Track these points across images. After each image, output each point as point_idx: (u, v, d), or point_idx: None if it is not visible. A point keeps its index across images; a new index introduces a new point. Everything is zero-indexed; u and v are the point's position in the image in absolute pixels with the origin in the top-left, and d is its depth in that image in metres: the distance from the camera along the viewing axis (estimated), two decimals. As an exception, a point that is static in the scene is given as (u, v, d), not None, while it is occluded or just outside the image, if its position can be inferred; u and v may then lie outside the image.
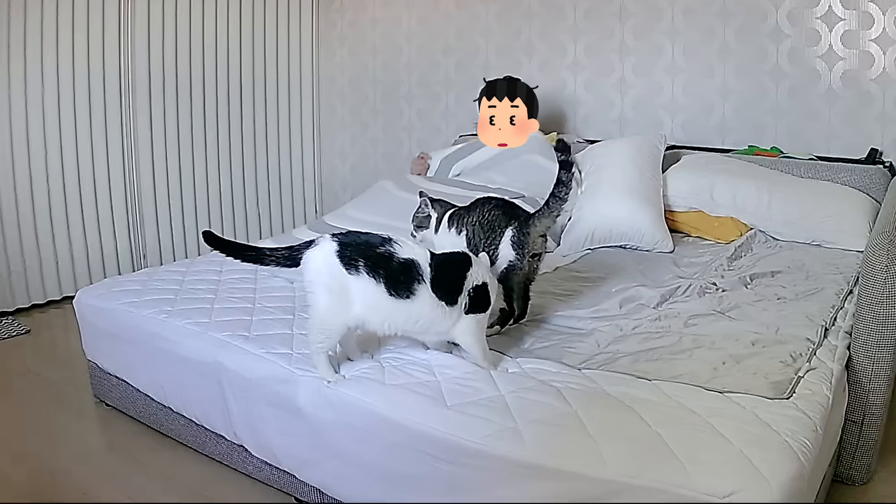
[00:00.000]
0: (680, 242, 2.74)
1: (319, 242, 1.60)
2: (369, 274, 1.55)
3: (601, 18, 3.38)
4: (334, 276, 1.56)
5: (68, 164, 3.32)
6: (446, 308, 1.59)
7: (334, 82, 4.38)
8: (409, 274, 1.57)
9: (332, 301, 1.57)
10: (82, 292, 2.30)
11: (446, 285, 1.59)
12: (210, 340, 1.86)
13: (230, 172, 4.03)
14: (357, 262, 1.55)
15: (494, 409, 1.45)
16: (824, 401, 1.49)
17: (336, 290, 1.56)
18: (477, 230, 1.82)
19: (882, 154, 2.82)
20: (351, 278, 1.55)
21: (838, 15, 2.82)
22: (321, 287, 1.58)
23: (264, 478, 1.85)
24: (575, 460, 1.30)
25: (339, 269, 1.56)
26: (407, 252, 1.59)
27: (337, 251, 1.56)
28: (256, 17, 4.02)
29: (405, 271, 1.57)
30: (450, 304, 1.59)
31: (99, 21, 3.33)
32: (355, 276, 1.55)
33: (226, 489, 1.91)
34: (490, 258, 1.78)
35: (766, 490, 1.18)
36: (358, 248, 1.57)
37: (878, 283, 1.74)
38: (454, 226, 1.87)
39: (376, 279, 1.55)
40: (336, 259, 1.56)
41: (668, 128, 3.28)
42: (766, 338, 1.76)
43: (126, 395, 2.20)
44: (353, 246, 1.58)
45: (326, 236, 1.61)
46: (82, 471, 2.00)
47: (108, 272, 3.48)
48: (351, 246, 1.58)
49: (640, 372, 1.60)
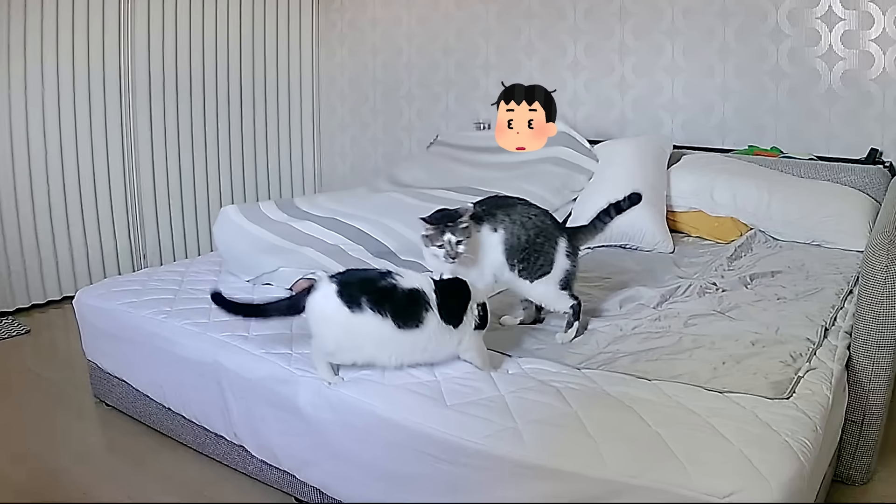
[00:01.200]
0: (680, 242, 2.74)
1: (318, 286, 1.58)
2: (374, 310, 1.53)
3: (601, 18, 3.38)
4: (339, 319, 1.54)
5: (68, 164, 3.32)
6: (453, 331, 1.60)
7: (334, 82, 4.38)
8: (416, 303, 1.56)
9: (340, 343, 1.57)
10: (82, 292, 2.30)
11: (453, 309, 1.59)
12: (209, 340, 1.86)
13: (230, 172, 4.03)
14: (359, 299, 1.53)
15: (494, 409, 1.45)
16: (824, 401, 1.49)
17: (342, 333, 1.56)
18: (520, 231, 1.81)
19: (882, 154, 2.82)
20: (356, 317, 1.53)
21: (838, 15, 2.82)
22: (327, 332, 1.58)
23: (264, 478, 1.85)
24: (575, 460, 1.30)
25: (343, 310, 1.54)
26: (410, 282, 1.58)
27: (337, 291, 1.55)
28: (256, 17, 4.02)
29: (412, 301, 1.56)
30: (456, 326, 1.60)
31: (99, 21, 3.33)
32: (360, 315, 1.53)
33: (226, 489, 1.91)
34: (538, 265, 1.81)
35: (766, 490, 1.18)
36: (358, 285, 1.56)
37: (878, 283, 1.74)
38: (486, 223, 1.82)
39: (382, 314, 1.53)
40: (338, 300, 1.54)
41: (668, 128, 3.28)
42: (766, 338, 1.76)
43: (126, 395, 2.20)
44: (353, 284, 1.56)
45: (324, 277, 1.60)
46: (82, 471, 2.00)
47: (108, 272, 3.48)
48: (351, 284, 1.56)
49: (640, 372, 1.60)
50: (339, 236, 2.27)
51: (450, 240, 1.70)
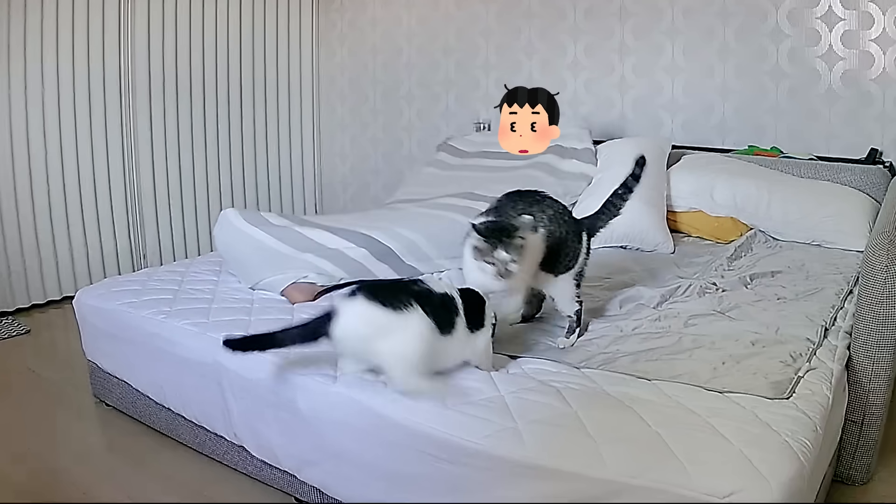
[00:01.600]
0: (680, 242, 2.74)
1: (342, 303, 1.45)
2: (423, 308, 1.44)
3: (601, 18, 3.38)
4: (380, 325, 1.43)
5: (68, 164, 3.32)
6: (470, 335, 1.58)
7: (334, 82, 4.39)
8: (450, 310, 1.52)
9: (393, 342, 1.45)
10: (82, 292, 2.30)
11: (476, 313, 1.58)
12: (209, 341, 1.86)
13: (230, 172, 4.03)
14: (403, 300, 1.44)
15: (494, 410, 1.45)
16: (824, 401, 1.49)
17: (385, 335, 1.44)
18: (561, 226, 1.78)
19: (882, 154, 2.82)
20: (401, 317, 1.43)
21: (838, 15, 2.82)
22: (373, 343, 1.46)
23: (264, 478, 1.85)
24: (575, 460, 1.30)
25: (387, 314, 1.42)
26: (440, 287, 1.53)
27: (369, 299, 1.43)
28: (256, 17, 4.02)
29: (446, 308, 1.52)
30: (473, 330, 1.58)
31: (99, 21, 3.33)
32: (406, 314, 1.43)
33: (226, 489, 1.91)
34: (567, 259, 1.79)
35: (766, 490, 1.18)
36: (394, 289, 1.47)
37: (878, 283, 1.74)
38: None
39: (429, 316, 1.46)
40: (378, 305, 1.42)
41: (668, 128, 3.28)
42: (766, 338, 1.76)
43: (126, 395, 2.20)
44: (387, 288, 1.47)
45: (338, 297, 1.46)
46: (82, 471, 2.00)
47: (108, 272, 3.48)
48: (385, 289, 1.46)
49: (640, 372, 1.60)
50: (340, 240, 2.23)
51: (503, 258, 1.58)
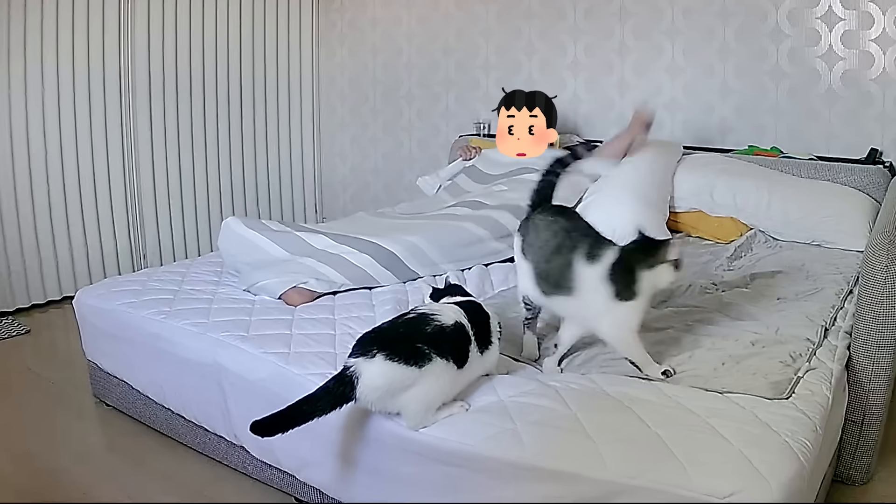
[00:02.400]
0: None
1: (363, 367, 1.37)
2: (441, 357, 1.40)
3: (601, 18, 3.37)
4: (402, 382, 1.38)
5: (68, 164, 3.32)
6: (481, 356, 1.54)
7: (334, 82, 4.38)
8: (463, 340, 1.48)
9: (416, 392, 1.40)
10: (82, 292, 2.30)
11: (484, 334, 1.55)
12: (209, 341, 1.86)
13: (230, 172, 4.03)
14: (421, 352, 1.38)
15: (493, 411, 1.45)
16: (824, 401, 1.49)
17: (407, 388, 1.40)
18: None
19: (882, 154, 2.82)
20: (423, 370, 1.38)
21: (838, 15, 2.82)
22: (396, 397, 1.40)
23: (264, 478, 1.85)
24: (574, 461, 1.30)
25: (408, 371, 1.37)
26: (450, 317, 1.47)
27: (390, 359, 1.36)
28: (256, 17, 4.02)
29: (460, 339, 1.47)
30: (483, 352, 1.54)
31: (99, 21, 3.33)
32: (427, 367, 1.39)
33: (226, 489, 1.91)
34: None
35: (766, 490, 1.19)
36: (410, 338, 1.40)
37: (878, 283, 1.74)
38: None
39: (447, 360, 1.42)
40: (399, 364, 1.37)
41: (668, 128, 3.27)
42: (766, 338, 1.76)
43: (126, 395, 2.20)
44: (403, 341, 1.40)
45: (358, 361, 1.38)
46: (82, 471, 2.00)
47: (108, 272, 3.48)
48: (401, 342, 1.40)
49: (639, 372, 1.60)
50: (342, 246, 2.21)
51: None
